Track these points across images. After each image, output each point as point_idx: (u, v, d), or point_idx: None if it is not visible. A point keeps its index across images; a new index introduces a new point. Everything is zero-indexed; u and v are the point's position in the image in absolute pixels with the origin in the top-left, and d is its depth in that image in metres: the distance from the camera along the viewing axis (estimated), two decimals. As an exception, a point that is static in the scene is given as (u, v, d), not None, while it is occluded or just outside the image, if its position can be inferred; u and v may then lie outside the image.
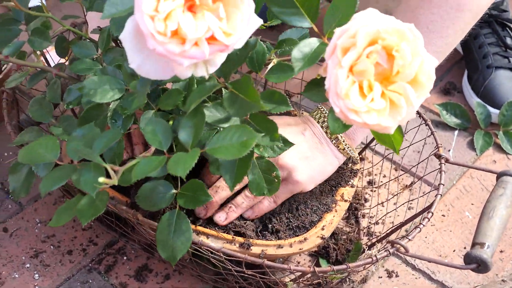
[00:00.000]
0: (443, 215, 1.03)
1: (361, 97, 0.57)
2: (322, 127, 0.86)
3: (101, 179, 0.60)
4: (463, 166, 0.88)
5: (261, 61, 0.70)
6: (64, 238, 0.98)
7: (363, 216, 1.02)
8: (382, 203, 1.03)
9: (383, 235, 0.93)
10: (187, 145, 0.66)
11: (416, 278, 0.95)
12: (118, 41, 0.85)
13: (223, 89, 0.66)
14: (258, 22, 0.57)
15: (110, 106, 0.73)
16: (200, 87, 0.65)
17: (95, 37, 0.85)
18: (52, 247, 0.97)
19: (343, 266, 0.75)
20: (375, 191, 1.05)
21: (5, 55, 0.78)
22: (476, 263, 0.74)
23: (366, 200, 1.04)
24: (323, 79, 0.65)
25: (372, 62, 0.57)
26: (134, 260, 0.95)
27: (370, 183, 1.06)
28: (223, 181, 0.83)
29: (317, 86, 0.66)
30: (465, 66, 1.24)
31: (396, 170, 1.09)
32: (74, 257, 0.96)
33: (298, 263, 0.96)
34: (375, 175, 1.08)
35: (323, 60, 0.60)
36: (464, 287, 0.94)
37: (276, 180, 0.74)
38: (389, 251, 0.76)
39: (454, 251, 0.98)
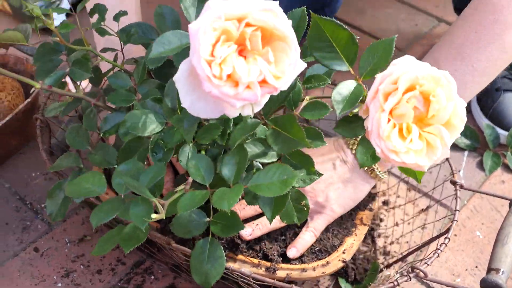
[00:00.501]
0: (455, 235, 1.07)
1: (401, 139, 0.62)
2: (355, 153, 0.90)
3: (154, 216, 0.64)
4: (477, 192, 0.92)
5: (297, 99, 0.74)
6: (93, 257, 1.03)
7: (379, 236, 1.06)
8: (397, 223, 1.07)
9: (400, 256, 0.97)
10: (229, 181, 0.70)
11: (430, 296, 0.99)
12: (152, 73, 0.89)
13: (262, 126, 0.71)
14: (303, 65, 0.61)
15: (151, 138, 0.77)
16: (243, 125, 0.70)
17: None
18: (82, 266, 1.01)
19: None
20: (390, 211, 1.09)
21: (48, 85, 0.83)
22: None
23: (381, 220, 1.08)
24: (355, 117, 0.70)
25: (411, 106, 0.62)
26: (161, 280, 1.00)
27: (385, 203, 1.10)
28: None
29: (349, 123, 0.71)
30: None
31: (409, 190, 1.13)
32: (104, 277, 1.00)
33: (318, 281, 1.00)
34: (389, 195, 1.12)
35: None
36: (476, 305, 0.98)
37: (305, 209, 0.79)
38: (409, 276, 0.81)
39: (466, 270, 1.03)
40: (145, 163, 0.79)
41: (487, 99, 1.23)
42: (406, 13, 1.52)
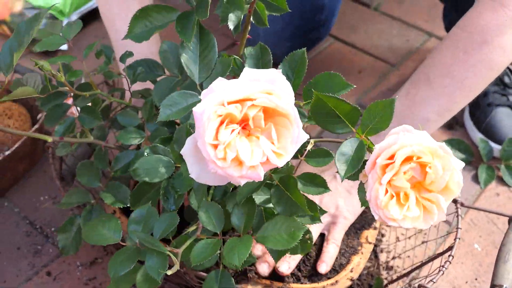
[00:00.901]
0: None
1: (398, 207, 0.65)
2: None
3: (169, 272, 0.67)
4: (478, 209, 0.96)
5: (302, 148, 0.76)
6: (105, 280, 1.05)
7: (381, 251, 1.10)
8: (398, 239, 1.11)
9: (404, 272, 1.01)
10: (239, 230, 0.73)
11: (433, 309, 1.03)
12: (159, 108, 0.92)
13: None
14: (305, 137, 0.61)
15: (162, 183, 0.80)
16: (249, 183, 0.72)
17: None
18: (94, 289, 1.04)
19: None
20: (391, 227, 1.13)
21: (59, 136, 0.85)
22: (496, 304, 0.82)
23: (383, 235, 1.12)
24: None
25: (408, 178, 0.64)
26: (173, 302, 1.03)
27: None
28: None
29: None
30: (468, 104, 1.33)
31: (408, 205, 1.17)
32: (117, 299, 1.03)
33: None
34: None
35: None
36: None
37: (309, 242, 0.81)
38: (417, 294, 0.84)
39: (466, 282, 1.07)
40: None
41: (480, 114, 1.27)
42: (397, 28, 1.56)
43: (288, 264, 0.91)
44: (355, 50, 1.50)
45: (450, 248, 0.90)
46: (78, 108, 0.90)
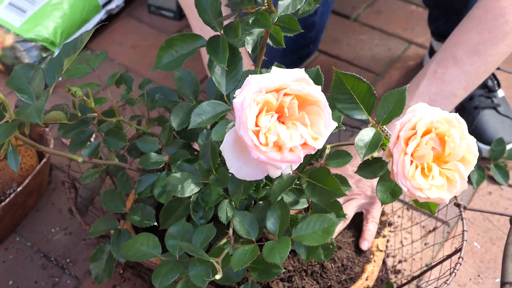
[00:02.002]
0: (455, 246, 1.17)
1: (423, 177, 0.70)
2: None
3: (218, 276, 0.71)
4: (480, 211, 1.02)
5: (322, 151, 0.82)
6: (126, 306, 1.09)
7: (387, 256, 1.15)
8: (402, 243, 1.16)
9: (414, 276, 1.06)
10: (274, 234, 0.77)
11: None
12: (176, 134, 0.96)
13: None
14: (334, 124, 0.68)
15: (191, 198, 0.84)
16: (280, 181, 0.77)
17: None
18: (116, 316, 1.07)
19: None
20: (393, 231, 1.18)
21: (87, 157, 0.89)
22: (508, 301, 0.87)
23: (388, 241, 1.17)
24: (374, 160, 0.78)
25: (430, 147, 0.70)
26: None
27: (389, 224, 1.19)
28: None
29: (369, 165, 0.79)
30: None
31: (408, 210, 1.22)
32: (139, 323, 1.06)
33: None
34: (390, 216, 1.21)
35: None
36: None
37: (331, 247, 0.86)
38: (433, 298, 0.89)
39: (470, 279, 1.13)
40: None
41: (467, 117, 1.33)
42: (378, 38, 1.62)
43: (367, 241, 1.02)
44: (340, 62, 1.55)
45: (459, 250, 0.96)
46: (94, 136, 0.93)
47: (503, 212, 1.00)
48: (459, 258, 0.94)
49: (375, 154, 0.77)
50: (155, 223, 0.90)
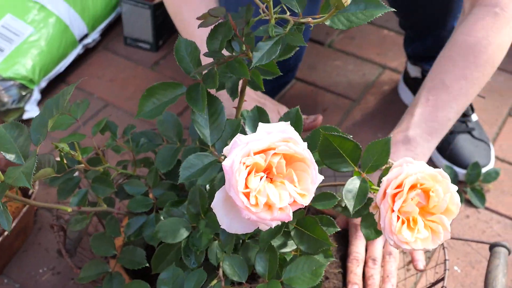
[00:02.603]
0: (437, 272, 1.20)
1: (409, 231, 0.73)
2: None
3: (213, 323, 0.73)
4: (460, 240, 1.05)
5: None
6: None
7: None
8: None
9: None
10: (264, 277, 0.80)
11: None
12: (162, 175, 0.98)
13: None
14: (320, 178, 0.70)
15: (182, 243, 0.85)
16: (269, 230, 0.80)
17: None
18: None
19: None
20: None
21: (75, 206, 0.90)
22: (491, 328, 0.91)
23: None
24: (370, 214, 0.80)
25: (415, 203, 0.73)
26: None
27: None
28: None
29: (367, 220, 0.82)
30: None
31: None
32: None
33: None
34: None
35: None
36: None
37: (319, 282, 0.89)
38: (420, 328, 0.92)
39: (452, 304, 1.16)
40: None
41: (443, 142, 1.36)
42: (353, 63, 1.66)
43: (391, 284, 1.00)
44: (316, 89, 1.58)
45: (442, 279, 0.99)
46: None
47: (483, 241, 1.03)
48: (442, 287, 0.97)
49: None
50: (147, 265, 0.91)
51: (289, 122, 0.71)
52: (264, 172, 0.68)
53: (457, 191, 1.30)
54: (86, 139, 0.94)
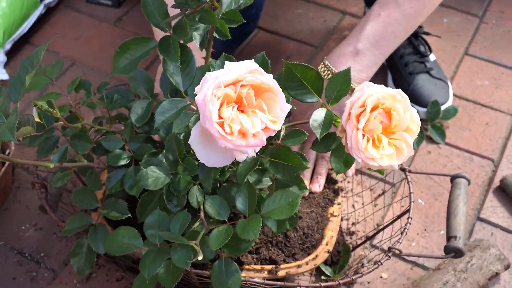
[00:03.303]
0: (402, 206, 1.27)
1: (375, 149, 0.79)
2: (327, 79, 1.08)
3: (200, 257, 0.79)
4: (423, 174, 1.12)
5: (279, 132, 0.88)
6: (104, 292, 1.15)
7: (341, 219, 1.24)
8: (354, 206, 1.26)
9: (368, 236, 1.16)
10: (244, 213, 0.85)
11: (394, 262, 1.19)
12: (137, 129, 1.02)
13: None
14: (288, 107, 0.75)
15: (163, 189, 0.90)
16: (245, 164, 0.84)
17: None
18: (96, 302, 1.14)
19: (358, 275, 0.97)
20: (344, 196, 1.27)
21: (57, 162, 0.93)
22: (454, 252, 0.98)
23: (340, 205, 1.26)
24: (328, 134, 0.85)
25: (378, 121, 0.78)
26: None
27: (341, 190, 1.28)
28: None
29: (323, 140, 0.86)
30: (390, 73, 1.48)
31: (357, 175, 1.32)
32: (119, 307, 1.13)
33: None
34: (341, 181, 1.30)
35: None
36: (428, 262, 1.19)
37: (295, 216, 0.94)
38: (389, 255, 0.99)
39: (418, 234, 1.23)
40: None
41: (403, 83, 1.43)
42: (313, 11, 1.69)
43: (318, 184, 1.11)
44: (279, 38, 1.62)
45: (407, 211, 1.06)
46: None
47: (444, 173, 1.10)
48: (408, 218, 1.04)
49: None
50: (130, 215, 0.96)
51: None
52: (236, 104, 0.73)
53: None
54: (60, 98, 0.97)
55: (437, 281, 1.09)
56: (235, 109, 0.72)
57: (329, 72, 1.08)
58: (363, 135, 0.78)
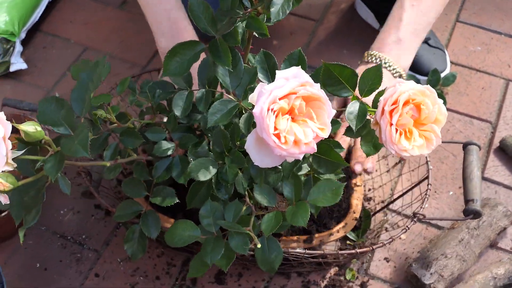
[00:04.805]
0: (412, 170, 1.38)
1: (407, 141, 0.88)
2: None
3: (259, 245, 0.88)
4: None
5: None
6: (147, 268, 1.24)
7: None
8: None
9: (388, 202, 1.26)
10: (291, 200, 0.94)
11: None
12: (179, 120, 1.09)
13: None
14: (333, 111, 0.83)
15: (212, 180, 0.98)
16: (290, 162, 0.93)
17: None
18: (141, 277, 1.22)
19: (390, 240, 1.08)
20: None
21: (109, 158, 1.00)
22: (472, 214, 1.09)
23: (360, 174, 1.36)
24: (369, 133, 0.94)
25: (409, 116, 0.87)
26: (211, 269, 1.23)
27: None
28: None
29: (366, 138, 0.95)
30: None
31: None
32: (163, 280, 1.22)
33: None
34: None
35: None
36: (442, 222, 1.30)
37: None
38: (414, 220, 1.10)
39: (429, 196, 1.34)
40: None
41: (404, 54, 1.52)
42: (310, -15, 1.77)
43: (372, 163, 1.19)
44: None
45: (426, 177, 1.16)
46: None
47: (455, 141, 1.20)
48: (428, 184, 1.14)
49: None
50: (178, 201, 1.04)
51: (299, 66, 0.83)
52: (288, 114, 0.80)
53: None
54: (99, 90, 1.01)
55: (453, 239, 1.21)
56: (290, 120, 0.79)
57: (377, 58, 1.20)
58: (396, 130, 0.87)
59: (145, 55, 1.60)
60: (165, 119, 1.12)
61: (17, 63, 1.53)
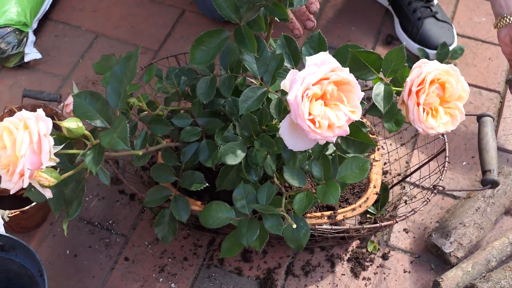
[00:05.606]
0: (428, 143, 1.41)
1: (433, 119, 0.91)
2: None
3: (294, 226, 0.91)
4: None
5: None
6: (175, 250, 1.27)
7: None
8: (387, 149, 1.40)
9: (405, 176, 1.30)
10: (320, 180, 0.97)
11: (425, 193, 1.34)
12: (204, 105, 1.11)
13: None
14: (363, 94, 0.86)
15: (242, 162, 1.01)
16: (320, 145, 0.96)
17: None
18: (169, 259, 1.26)
19: (412, 212, 1.12)
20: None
21: (139, 146, 1.03)
22: (490, 184, 1.13)
23: (378, 149, 1.39)
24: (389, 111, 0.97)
25: (435, 95, 0.91)
26: (236, 248, 1.27)
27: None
28: None
29: (387, 116, 0.98)
30: (398, 19, 1.60)
31: (381, 118, 1.45)
32: (191, 261, 1.26)
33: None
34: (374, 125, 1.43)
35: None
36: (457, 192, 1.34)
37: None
38: (435, 192, 1.13)
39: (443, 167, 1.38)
40: None
41: (412, 28, 1.55)
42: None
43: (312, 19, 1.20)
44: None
45: (443, 150, 1.20)
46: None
47: (470, 113, 1.24)
48: (445, 157, 1.18)
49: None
50: (207, 184, 1.07)
51: (327, 51, 0.86)
52: (321, 99, 0.83)
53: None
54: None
55: (470, 208, 1.25)
56: (323, 105, 0.82)
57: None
58: (424, 109, 0.90)
59: (157, 39, 1.62)
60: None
61: (31, 53, 1.55)
